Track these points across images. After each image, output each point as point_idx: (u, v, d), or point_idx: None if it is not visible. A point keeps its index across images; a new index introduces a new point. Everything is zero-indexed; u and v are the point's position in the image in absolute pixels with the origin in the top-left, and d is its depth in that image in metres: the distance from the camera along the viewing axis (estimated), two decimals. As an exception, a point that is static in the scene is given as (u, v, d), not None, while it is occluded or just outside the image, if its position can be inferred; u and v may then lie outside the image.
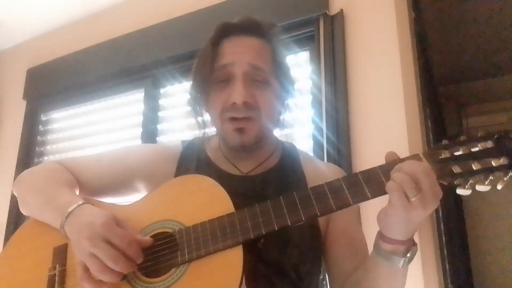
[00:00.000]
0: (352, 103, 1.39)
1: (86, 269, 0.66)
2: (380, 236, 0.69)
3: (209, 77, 0.81)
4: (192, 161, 0.90)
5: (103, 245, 0.65)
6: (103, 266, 0.65)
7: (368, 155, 1.32)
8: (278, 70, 0.85)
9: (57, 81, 2.19)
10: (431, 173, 0.63)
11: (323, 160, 1.34)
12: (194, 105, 0.90)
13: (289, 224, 0.68)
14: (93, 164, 0.91)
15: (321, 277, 0.85)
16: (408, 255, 0.67)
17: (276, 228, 0.68)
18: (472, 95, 3.01)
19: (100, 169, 0.90)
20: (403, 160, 0.68)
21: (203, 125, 0.91)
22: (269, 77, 0.82)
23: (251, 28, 0.84)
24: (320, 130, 1.41)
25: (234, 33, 0.84)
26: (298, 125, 1.53)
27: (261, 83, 0.82)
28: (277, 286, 0.74)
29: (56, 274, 0.74)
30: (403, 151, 1.22)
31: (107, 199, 0.89)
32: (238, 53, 0.81)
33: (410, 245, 0.68)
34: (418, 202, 0.62)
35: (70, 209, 0.73)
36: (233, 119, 0.80)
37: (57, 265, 0.75)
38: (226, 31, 0.84)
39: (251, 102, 0.79)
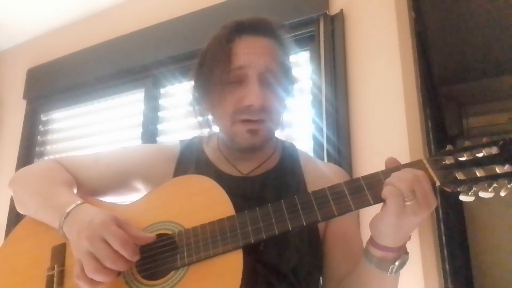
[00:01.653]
0: (352, 103, 1.39)
1: (83, 268, 0.66)
2: (371, 242, 0.69)
3: (221, 78, 0.79)
4: (191, 161, 0.90)
5: (101, 244, 0.64)
6: (99, 266, 0.64)
7: (368, 155, 1.31)
8: (285, 71, 0.85)
9: (57, 81, 2.19)
10: (426, 181, 0.63)
11: (323, 160, 1.34)
12: (197, 104, 0.88)
13: (290, 229, 0.68)
14: (92, 164, 0.91)
15: (320, 278, 0.85)
16: (396, 263, 0.67)
17: (277, 233, 0.68)
18: (472, 95, 3.01)
19: (99, 169, 0.89)
20: (405, 166, 0.67)
21: (205, 124, 0.90)
22: (280, 79, 0.82)
23: (264, 28, 0.83)
24: (320, 130, 1.41)
25: (246, 33, 0.82)
26: (298, 125, 1.53)
27: (272, 85, 0.81)
28: None
29: (55, 275, 0.74)
30: (403, 151, 1.23)
31: (106, 199, 0.88)
32: (254, 54, 0.79)
33: (400, 253, 0.67)
34: (411, 208, 0.61)
35: (68, 209, 0.72)
36: (247, 121, 0.79)
37: (56, 265, 0.75)
38: (238, 30, 0.82)
39: (266, 105, 0.79)
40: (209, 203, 0.74)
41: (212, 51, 0.82)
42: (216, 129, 0.91)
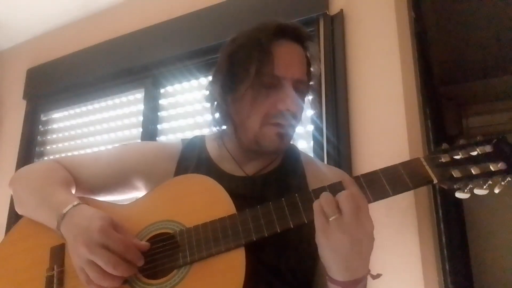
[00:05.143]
0: (352, 103, 1.39)
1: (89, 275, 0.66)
2: (326, 275, 0.67)
3: (256, 79, 0.77)
4: (192, 160, 0.90)
5: (101, 251, 0.64)
6: (102, 273, 0.64)
7: (368, 155, 1.31)
8: (309, 80, 0.88)
9: (57, 81, 2.19)
10: (358, 198, 0.61)
11: (323, 160, 1.34)
12: (215, 100, 0.86)
13: (292, 226, 0.68)
14: (92, 163, 0.91)
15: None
16: None
17: (279, 231, 0.68)
18: (472, 95, 3.01)
19: (99, 168, 0.89)
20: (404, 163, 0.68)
21: (218, 122, 0.88)
22: (307, 89, 0.86)
23: (302, 36, 0.84)
24: (320, 130, 1.41)
25: (286, 38, 0.82)
26: (298, 125, 1.52)
27: (302, 94, 0.84)
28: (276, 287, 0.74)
29: (55, 275, 0.73)
30: (403, 151, 1.23)
31: (106, 198, 0.88)
32: (292, 61, 0.81)
33: None
34: (335, 224, 0.60)
35: (65, 210, 0.72)
36: (278, 124, 0.80)
37: (55, 266, 0.74)
38: (279, 33, 0.81)
39: (298, 112, 0.81)
40: (210, 202, 0.74)
41: (248, 50, 0.80)
42: (225, 127, 0.89)
